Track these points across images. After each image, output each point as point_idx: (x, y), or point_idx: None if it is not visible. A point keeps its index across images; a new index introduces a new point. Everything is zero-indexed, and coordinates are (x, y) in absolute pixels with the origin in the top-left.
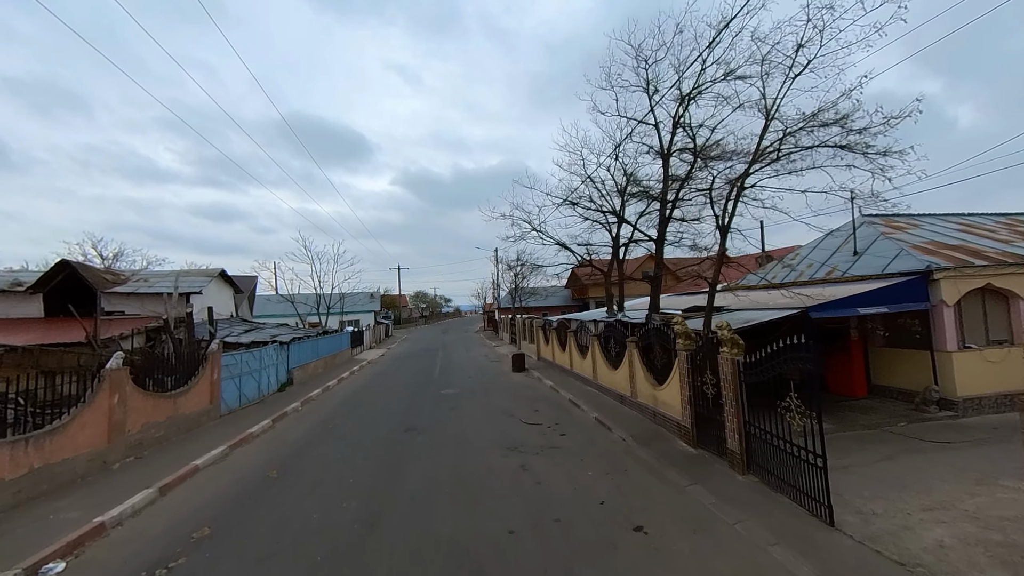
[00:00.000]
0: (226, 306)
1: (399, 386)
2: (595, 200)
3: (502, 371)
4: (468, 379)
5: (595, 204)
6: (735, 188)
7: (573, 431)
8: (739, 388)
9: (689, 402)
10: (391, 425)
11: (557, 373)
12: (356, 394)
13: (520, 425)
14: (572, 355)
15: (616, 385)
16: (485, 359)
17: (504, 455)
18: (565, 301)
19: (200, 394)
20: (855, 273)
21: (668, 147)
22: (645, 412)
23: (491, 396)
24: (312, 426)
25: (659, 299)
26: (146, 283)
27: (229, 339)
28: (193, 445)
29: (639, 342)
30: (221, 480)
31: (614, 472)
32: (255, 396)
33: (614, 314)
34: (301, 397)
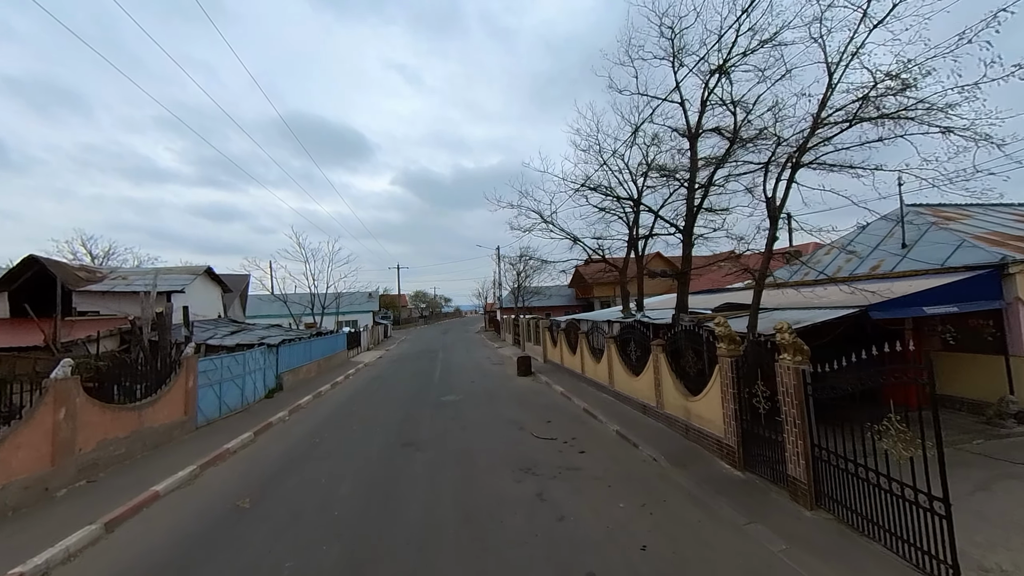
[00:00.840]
0: (213, 306)
1: (396, 392)
2: (612, 188)
3: (506, 375)
4: (470, 384)
5: (612, 193)
6: (790, 165)
7: (593, 447)
8: (805, 403)
9: (734, 417)
10: (386, 439)
11: (567, 378)
12: (350, 401)
13: (532, 440)
14: (584, 359)
15: (638, 393)
16: (487, 362)
17: (517, 479)
18: (569, 301)
19: (172, 404)
20: (907, 268)
21: (696, 127)
22: (675, 426)
23: (496, 404)
24: (298, 440)
25: (687, 297)
26: (124, 281)
27: (212, 341)
28: (158, 464)
29: (666, 346)
30: (183, 511)
31: (651, 503)
32: (238, 404)
33: (631, 314)
34: (290, 405)
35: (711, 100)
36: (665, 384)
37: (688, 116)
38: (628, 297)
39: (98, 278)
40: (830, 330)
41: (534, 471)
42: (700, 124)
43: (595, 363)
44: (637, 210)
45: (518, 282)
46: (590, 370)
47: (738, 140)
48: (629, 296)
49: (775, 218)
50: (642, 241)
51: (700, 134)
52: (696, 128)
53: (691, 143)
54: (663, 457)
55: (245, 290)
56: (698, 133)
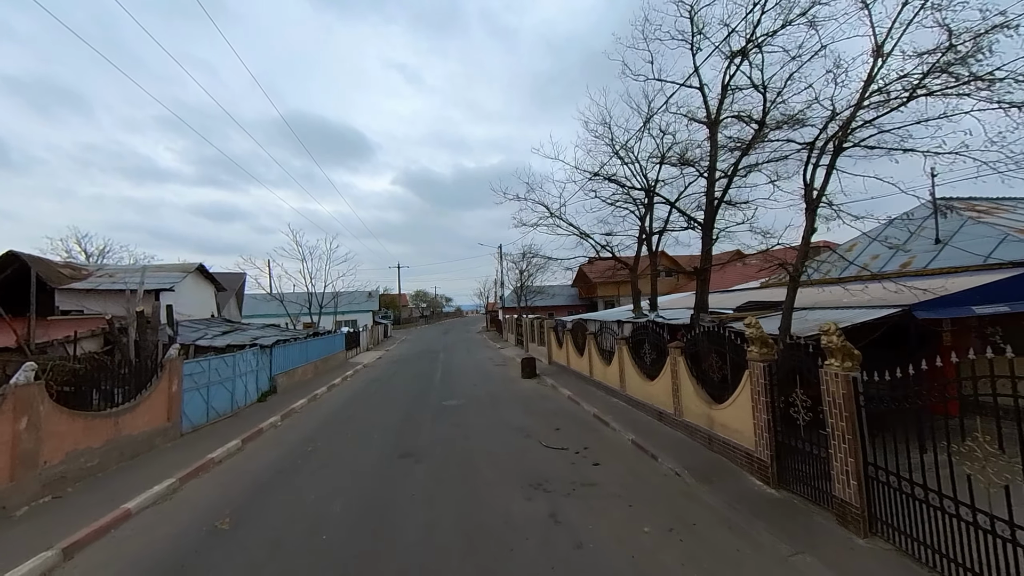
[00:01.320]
0: (205, 305)
1: (396, 395)
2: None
3: (510, 377)
4: (473, 387)
5: (625, 183)
6: (831, 148)
7: (608, 459)
8: (857, 416)
9: (767, 428)
10: (384, 448)
11: (574, 380)
12: (347, 405)
13: (540, 449)
14: (592, 361)
15: (653, 399)
16: (490, 363)
17: (527, 496)
18: (572, 300)
19: (153, 410)
20: (944, 264)
21: (716, 114)
22: (696, 435)
23: (501, 408)
24: (289, 449)
25: (707, 296)
26: (110, 279)
27: (202, 342)
28: (135, 477)
29: (685, 348)
30: (154, 533)
31: (679, 527)
32: (227, 409)
33: (643, 314)
34: (283, 409)
35: (732, 84)
36: (684, 390)
37: (708, 102)
38: (639, 296)
39: (83, 276)
40: (868, 332)
41: (545, 487)
42: (720, 110)
43: (605, 366)
44: (650, 202)
45: (521, 281)
46: (599, 373)
47: (766, 125)
48: (641, 295)
49: (814, 207)
50: (655, 236)
51: (721, 121)
52: (716, 114)
53: (711, 130)
54: (686, 471)
55: (241, 289)
56: (718, 120)
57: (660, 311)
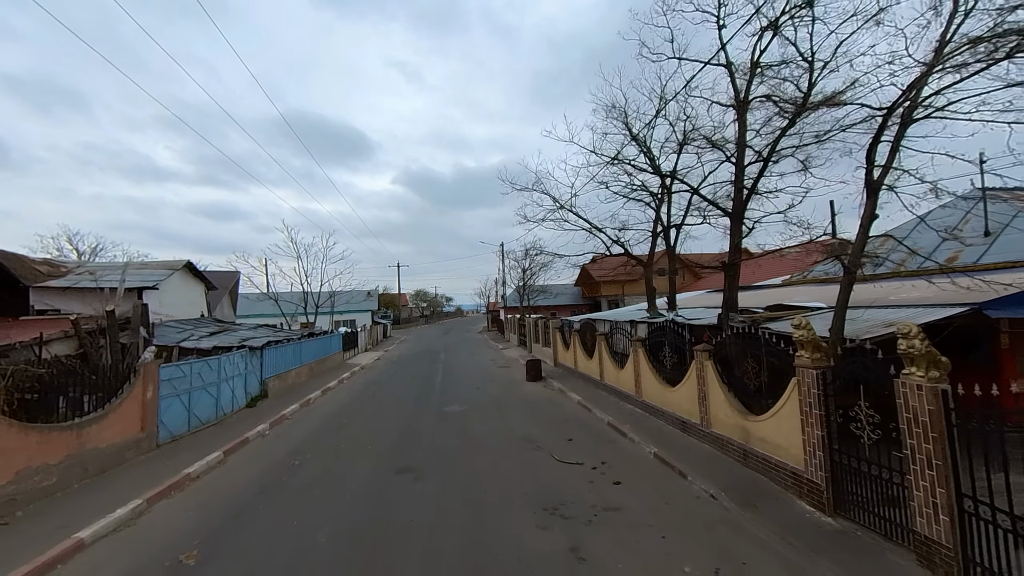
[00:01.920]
0: (194, 304)
1: (394, 400)
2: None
3: (514, 380)
4: (476, 391)
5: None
6: (899, 117)
7: (630, 476)
8: (947, 437)
9: (821, 445)
10: (379, 461)
11: (582, 384)
12: (341, 411)
13: (552, 464)
14: (604, 364)
15: (674, 407)
16: (492, 364)
17: (542, 524)
18: (575, 300)
19: (124, 420)
20: (997, 259)
21: (745, 93)
22: (727, 449)
23: (506, 415)
24: (275, 462)
25: (737, 294)
26: (90, 276)
27: (187, 343)
28: (96, 498)
29: (713, 351)
30: (106, 571)
31: (727, 567)
32: (212, 416)
33: (659, 313)
34: (272, 416)
35: (762, 62)
36: (713, 398)
37: (735, 81)
38: (654, 294)
39: (62, 273)
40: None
41: (562, 512)
42: (749, 90)
43: (617, 369)
44: (668, 192)
45: (523, 280)
46: (611, 377)
47: (810, 101)
48: (655, 293)
49: (876, 188)
50: (673, 230)
51: (750, 102)
52: (745, 94)
53: (739, 113)
54: (723, 493)
55: (235, 288)
56: (747, 101)
57: (681, 310)
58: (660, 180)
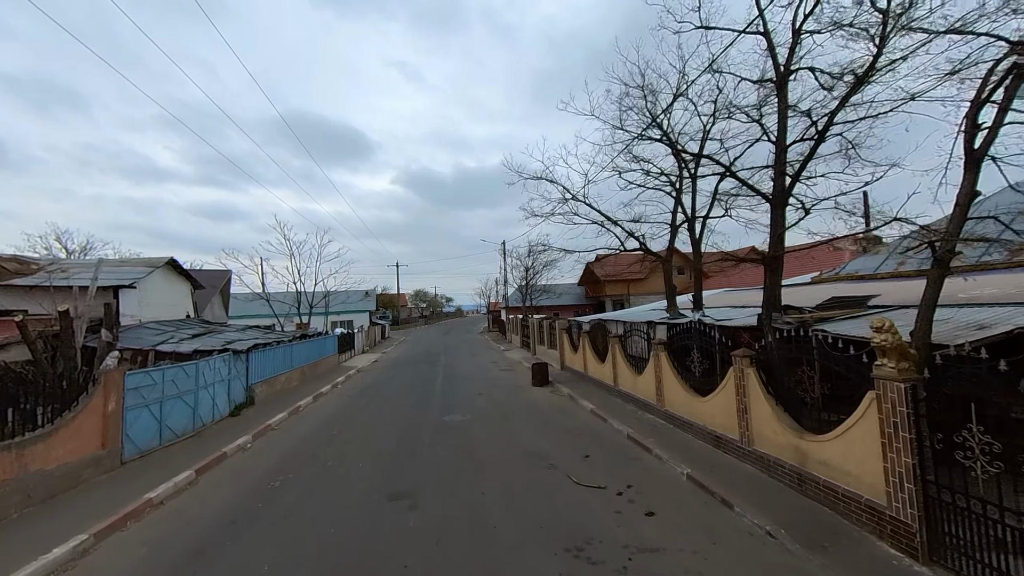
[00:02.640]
0: (179, 305)
1: (390, 407)
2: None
3: (518, 384)
4: (479, 397)
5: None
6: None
7: (664, 504)
8: None
9: (911, 475)
10: (370, 484)
11: (594, 390)
12: (332, 421)
13: (570, 488)
14: (618, 368)
15: (706, 419)
16: (495, 367)
17: (566, 572)
18: (578, 300)
19: (81, 435)
20: None
21: (786, 66)
22: (776, 472)
23: (513, 425)
24: (252, 483)
25: (780, 292)
26: (63, 274)
27: (165, 347)
28: (34, 533)
29: (755, 358)
30: None
31: None
32: (188, 428)
33: (679, 313)
34: (256, 426)
35: (805, 29)
36: (757, 411)
37: (775, 52)
38: (674, 293)
39: (32, 271)
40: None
41: (589, 554)
42: (791, 62)
43: (634, 375)
44: (694, 176)
45: (526, 279)
46: (626, 383)
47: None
48: (676, 291)
49: (978, 157)
50: (698, 223)
51: (792, 74)
52: (786, 66)
53: (779, 88)
54: (782, 530)
55: (226, 287)
56: (788, 74)
57: (707, 309)
58: (682, 165)
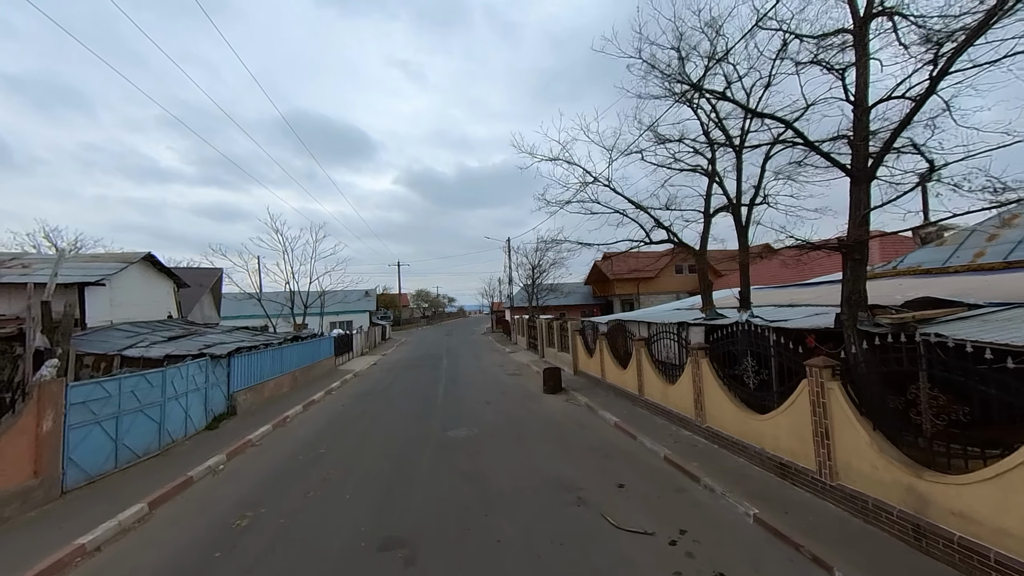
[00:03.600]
0: (159, 304)
1: (387, 419)
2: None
3: (529, 391)
4: (485, 406)
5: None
6: None
7: (735, 563)
8: None
9: None
10: (356, 526)
11: (614, 399)
12: (320, 435)
13: (609, 534)
14: (644, 375)
15: (765, 442)
16: (501, 371)
17: None
18: (585, 299)
19: (5, 463)
20: None
21: (867, 5)
22: (880, 518)
23: (528, 443)
24: (215, 520)
25: (864, 286)
26: (24, 270)
27: (132, 352)
28: None
29: (838, 369)
30: None
31: None
32: (152, 446)
33: (716, 312)
34: (233, 443)
35: None
36: (845, 439)
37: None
38: (710, 289)
39: None
40: None
41: None
42: (872, 4)
43: (664, 384)
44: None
45: (532, 278)
46: (654, 392)
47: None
48: (711, 288)
49: None
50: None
51: (874, 17)
52: (867, 6)
53: (857, 35)
54: None
55: (218, 286)
56: (870, 15)
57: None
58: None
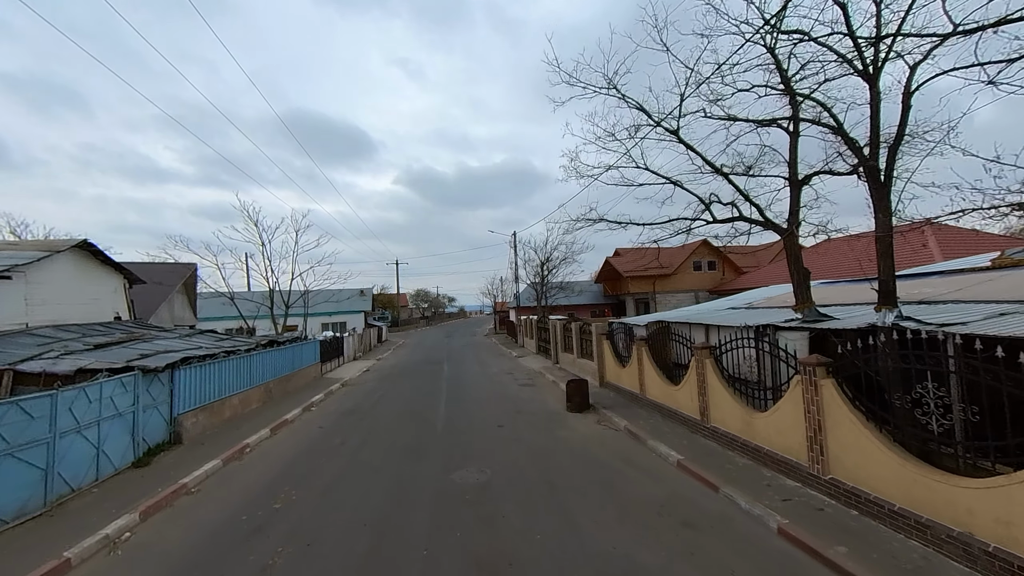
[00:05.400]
0: (101, 303)
1: (372, 452)
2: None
3: (549, 409)
4: (498, 430)
5: None
6: None
7: None
8: None
9: None
10: None
11: (660, 421)
12: (281, 478)
13: None
14: (711, 397)
15: (975, 525)
16: (511, 380)
17: None
18: (595, 299)
19: None
20: None
21: None
22: None
23: (566, 499)
24: None
25: None
26: None
27: (32, 365)
28: None
29: None
30: None
31: None
32: (31, 503)
33: (816, 312)
34: (162, 488)
35: None
36: None
37: None
38: (807, 279)
39: None
40: None
41: None
42: None
43: (744, 410)
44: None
45: (542, 274)
46: (729, 420)
47: None
48: (810, 277)
49: None
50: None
51: None
52: None
53: None
54: None
55: (191, 284)
56: None
57: (825, 306)
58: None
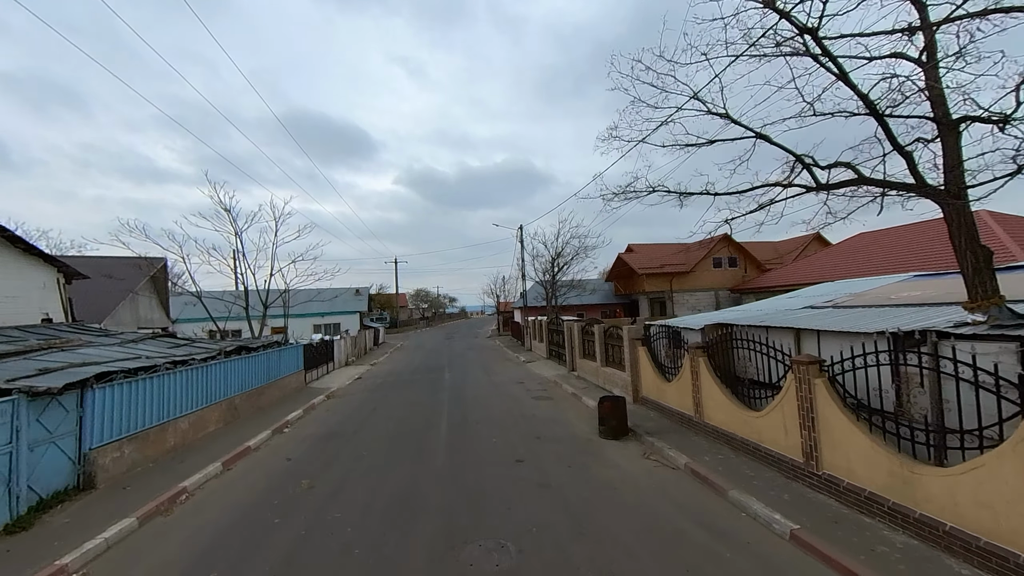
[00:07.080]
0: (23, 301)
1: (351, 503)
2: None
3: (577, 434)
4: (517, 468)
5: None
6: None
7: None
8: None
9: None
10: None
11: (731, 455)
12: (214, 549)
13: None
14: (823, 433)
15: None
16: (524, 392)
17: None
18: (606, 298)
19: None
20: None
21: None
22: None
23: None
24: None
25: None
26: None
27: None
28: None
29: None
30: None
31: None
32: None
33: (1008, 311)
34: (35, 569)
35: None
36: None
37: None
38: (989, 264)
39: None
40: None
41: None
42: None
43: (895, 461)
44: None
45: (552, 271)
46: (864, 472)
47: None
48: (991, 258)
49: None
50: None
51: None
52: None
53: None
54: None
55: (162, 281)
56: None
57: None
58: None
